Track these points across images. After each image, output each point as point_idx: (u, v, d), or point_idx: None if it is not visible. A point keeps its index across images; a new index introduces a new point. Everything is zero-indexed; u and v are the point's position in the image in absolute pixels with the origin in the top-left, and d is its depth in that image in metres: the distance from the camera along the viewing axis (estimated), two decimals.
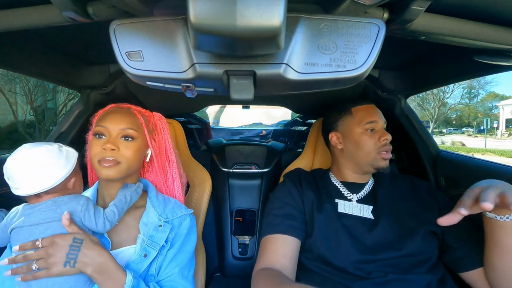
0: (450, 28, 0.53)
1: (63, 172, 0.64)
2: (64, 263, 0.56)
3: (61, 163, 0.64)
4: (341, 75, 0.45)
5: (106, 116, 0.73)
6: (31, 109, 6.74)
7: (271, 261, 0.75)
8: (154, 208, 0.76)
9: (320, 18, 0.45)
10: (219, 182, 1.31)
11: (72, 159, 0.67)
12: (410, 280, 0.71)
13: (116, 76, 1.02)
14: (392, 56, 0.88)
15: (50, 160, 0.63)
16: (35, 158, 0.61)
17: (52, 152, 0.64)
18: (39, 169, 0.61)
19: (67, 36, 0.74)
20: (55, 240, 0.57)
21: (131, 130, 0.72)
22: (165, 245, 0.72)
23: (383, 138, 0.85)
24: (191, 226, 0.79)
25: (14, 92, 6.98)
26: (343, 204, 0.85)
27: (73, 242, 0.59)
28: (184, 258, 0.75)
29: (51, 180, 0.62)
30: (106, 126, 0.71)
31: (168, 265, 0.72)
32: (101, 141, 0.70)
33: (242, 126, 3.46)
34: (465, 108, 34.03)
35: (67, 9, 0.45)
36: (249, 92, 0.48)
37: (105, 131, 0.71)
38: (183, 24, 0.45)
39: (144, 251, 0.68)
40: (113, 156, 0.68)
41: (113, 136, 0.71)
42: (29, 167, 0.61)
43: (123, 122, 0.72)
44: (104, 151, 0.68)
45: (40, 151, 0.62)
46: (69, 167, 0.65)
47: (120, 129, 0.71)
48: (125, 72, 0.47)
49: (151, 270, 0.69)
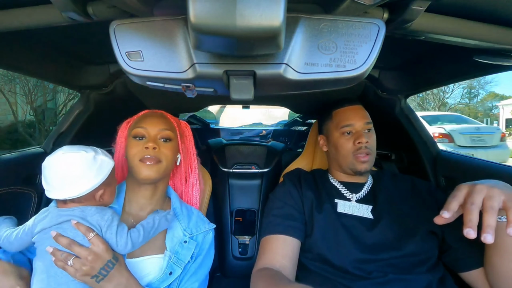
0: (450, 28, 0.53)
1: (91, 183, 0.61)
2: (93, 275, 0.57)
3: (91, 174, 0.62)
4: (341, 75, 0.45)
5: (143, 119, 0.76)
6: (31, 109, 6.73)
7: (271, 261, 0.75)
8: (178, 220, 0.77)
9: (320, 18, 0.45)
10: (219, 182, 1.31)
11: (104, 169, 0.64)
12: (410, 280, 0.71)
13: (116, 76, 1.02)
14: (392, 56, 0.88)
15: (80, 169, 0.61)
16: (67, 164, 0.60)
17: (84, 160, 0.61)
18: (67, 176, 0.60)
19: (67, 36, 0.74)
20: (98, 252, 0.58)
21: (168, 131, 0.76)
22: (190, 261, 0.73)
23: (357, 141, 0.85)
24: (212, 241, 0.82)
25: (14, 92, 6.97)
26: (342, 204, 0.85)
27: (111, 259, 0.60)
28: (203, 273, 0.77)
29: (76, 189, 0.60)
30: (145, 127, 0.74)
31: (189, 279, 0.73)
32: (141, 142, 0.73)
33: (242, 126, 3.46)
34: (465, 108, 34.00)
35: (67, 9, 0.45)
36: (249, 92, 0.48)
37: (145, 132, 0.73)
38: (183, 24, 0.45)
39: (170, 268, 0.70)
40: (155, 155, 0.71)
41: (153, 136, 0.73)
42: (59, 172, 0.60)
43: (161, 123, 0.75)
44: (146, 150, 0.71)
45: (73, 158, 0.61)
46: (99, 178, 0.63)
47: (159, 130, 0.74)
48: (125, 72, 0.47)
49: (172, 285, 0.70)
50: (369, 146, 0.85)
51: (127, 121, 0.84)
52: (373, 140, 0.87)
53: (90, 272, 0.57)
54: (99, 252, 0.58)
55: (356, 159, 0.85)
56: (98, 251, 0.58)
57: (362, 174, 0.88)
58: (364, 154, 0.85)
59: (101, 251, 0.58)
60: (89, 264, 0.57)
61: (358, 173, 0.87)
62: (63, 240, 0.58)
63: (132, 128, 0.76)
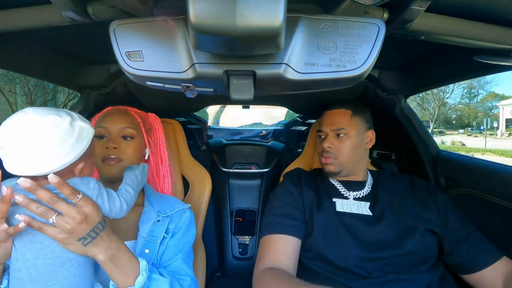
0: (450, 28, 0.53)
1: (69, 156, 0.51)
2: (81, 237, 0.50)
3: (69, 144, 0.51)
4: (341, 75, 0.45)
5: (104, 117, 0.76)
6: None
7: (276, 261, 0.75)
8: (152, 206, 0.77)
9: (320, 18, 0.45)
10: (219, 182, 1.31)
11: (85, 139, 0.54)
12: (411, 279, 0.71)
13: (116, 76, 1.02)
14: (392, 56, 0.88)
15: (53, 138, 0.49)
16: (36, 132, 0.48)
17: (60, 127, 0.50)
18: (39, 147, 0.48)
19: (67, 36, 0.74)
20: (88, 212, 0.50)
21: (130, 129, 0.75)
22: (166, 236, 0.72)
23: (320, 146, 0.91)
24: (191, 219, 0.81)
25: (14, 92, 6.98)
26: (340, 203, 0.85)
27: (101, 221, 0.53)
28: (185, 247, 0.76)
29: (52, 163, 0.49)
30: (106, 126, 0.74)
31: (170, 252, 0.73)
32: (102, 141, 0.73)
33: (242, 126, 3.46)
34: (465, 108, 34.02)
35: (67, 9, 0.45)
36: (249, 92, 0.48)
37: (106, 131, 0.74)
38: (183, 24, 0.44)
39: (146, 247, 0.69)
40: (116, 154, 0.72)
41: (114, 136, 0.74)
42: (27, 142, 0.48)
43: (122, 122, 0.75)
44: (107, 150, 0.71)
45: (44, 124, 0.49)
46: (79, 150, 0.52)
47: (119, 129, 0.74)
48: (125, 72, 0.47)
49: (153, 261, 0.69)
50: (332, 151, 0.88)
51: (94, 118, 0.81)
52: (341, 146, 0.87)
53: (78, 233, 0.49)
54: (89, 212, 0.50)
55: (321, 161, 0.91)
56: (87, 211, 0.50)
57: (334, 175, 0.91)
58: (325, 157, 0.89)
59: (90, 211, 0.51)
60: (76, 223, 0.48)
61: (327, 174, 0.92)
62: (45, 194, 0.47)
63: (96, 127, 0.74)
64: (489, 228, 0.83)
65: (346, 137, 0.87)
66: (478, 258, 0.75)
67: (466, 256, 0.76)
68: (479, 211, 0.88)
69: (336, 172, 0.89)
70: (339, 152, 0.87)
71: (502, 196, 0.81)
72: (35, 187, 0.47)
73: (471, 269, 0.75)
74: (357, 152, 0.88)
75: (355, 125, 0.88)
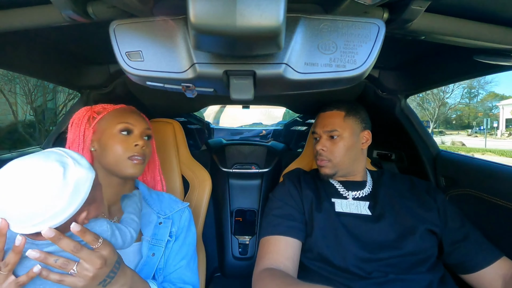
0: (450, 28, 0.53)
1: (66, 212, 0.46)
2: (101, 281, 0.50)
3: (64, 201, 0.46)
4: (341, 75, 0.45)
5: (127, 114, 0.72)
6: (31, 109, 6.74)
7: (275, 262, 0.75)
8: (150, 206, 0.76)
9: (320, 18, 0.45)
10: (219, 182, 1.31)
11: (82, 190, 0.48)
12: (411, 280, 0.71)
13: (116, 76, 1.02)
14: (392, 56, 0.88)
15: (46, 197, 0.45)
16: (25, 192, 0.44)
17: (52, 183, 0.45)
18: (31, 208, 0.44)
19: (67, 36, 0.74)
20: (106, 255, 0.50)
21: (150, 129, 0.75)
22: (170, 239, 0.73)
23: (314, 147, 0.91)
24: (190, 218, 0.81)
25: (14, 92, 6.97)
26: (339, 203, 0.85)
27: (118, 259, 0.53)
28: (189, 250, 0.77)
29: (48, 222, 0.45)
30: (133, 123, 0.71)
31: (175, 258, 0.73)
32: (129, 138, 0.70)
33: (242, 126, 3.46)
34: (465, 108, 34.02)
35: (67, 9, 0.45)
36: (249, 92, 0.48)
37: (133, 127, 0.71)
38: (183, 24, 0.45)
39: (151, 250, 0.69)
40: (143, 153, 0.70)
41: (139, 134, 0.72)
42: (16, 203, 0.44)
43: (143, 121, 0.74)
44: (135, 147, 0.69)
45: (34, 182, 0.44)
46: (77, 203, 0.47)
47: (144, 128, 0.73)
48: (125, 72, 0.47)
49: (159, 265, 0.70)
50: (325, 153, 0.88)
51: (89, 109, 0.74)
52: (334, 147, 0.87)
53: (99, 277, 0.49)
54: (107, 254, 0.50)
55: (317, 163, 0.92)
56: (106, 254, 0.50)
57: (330, 177, 0.91)
58: (320, 159, 0.89)
59: (108, 253, 0.51)
60: (97, 269, 0.48)
61: (324, 176, 0.91)
62: (69, 243, 0.46)
63: (119, 122, 0.70)
64: (489, 228, 0.83)
65: (339, 138, 0.87)
66: (478, 258, 0.75)
67: (465, 256, 0.76)
68: (479, 211, 0.88)
69: (332, 174, 0.89)
70: (332, 154, 0.87)
71: (502, 196, 0.81)
72: (59, 237, 0.45)
73: (470, 269, 0.75)
74: (352, 153, 0.88)
75: (348, 126, 0.88)
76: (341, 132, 0.87)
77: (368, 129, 0.92)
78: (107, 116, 0.73)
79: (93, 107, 0.76)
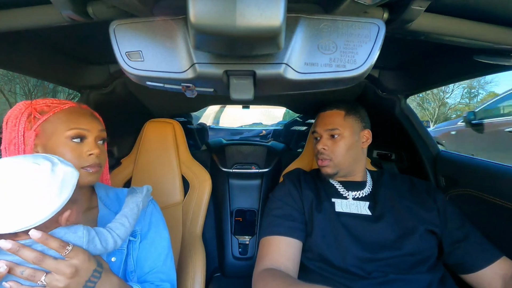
0: (450, 28, 0.53)
1: (53, 205, 0.45)
2: None
3: (53, 194, 0.45)
4: (341, 75, 0.45)
5: (78, 117, 0.63)
6: None
7: (276, 262, 0.75)
8: (108, 208, 0.68)
9: (320, 18, 0.45)
10: (219, 182, 1.31)
11: (69, 184, 0.48)
12: (411, 280, 0.71)
13: (116, 76, 1.02)
14: (392, 56, 0.88)
15: (35, 190, 0.44)
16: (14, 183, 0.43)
17: (41, 174, 0.45)
18: (18, 200, 0.43)
19: (67, 36, 0.74)
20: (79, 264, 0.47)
21: (104, 131, 0.67)
22: (134, 240, 0.66)
23: (315, 147, 0.91)
24: (157, 211, 0.75)
25: (14, 92, 6.98)
26: (339, 203, 0.85)
27: (96, 267, 0.50)
28: (162, 247, 0.71)
29: (34, 216, 0.43)
30: (86, 128, 0.62)
31: (147, 257, 0.68)
32: (81, 145, 0.62)
33: (242, 126, 3.46)
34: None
35: (66, 9, 0.45)
36: (249, 92, 0.48)
37: (86, 133, 0.62)
38: (183, 24, 0.45)
39: (111, 255, 0.62)
40: (99, 161, 0.63)
41: (94, 140, 0.64)
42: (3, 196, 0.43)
43: (97, 123, 0.66)
44: (89, 157, 0.62)
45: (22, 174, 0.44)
46: (63, 198, 0.47)
47: (99, 131, 0.65)
48: (125, 72, 0.47)
49: (129, 268, 0.65)
50: (325, 152, 0.88)
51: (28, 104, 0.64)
52: (335, 147, 0.87)
53: (74, 287, 0.46)
54: (80, 264, 0.47)
55: (318, 163, 0.91)
56: (77, 263, 0.47)
57: (331, 177, 0.91)
58: (321, 159, 0.89)
59: (81, 261, 0.47)
60: (68, 279, 0.45)
61: (325, 176, 0.91)
62: (29, 253, 0.43)
63: (70, 127, 0.61)
64: (489, 228, 0.83)
65: (340, 137, 0.87)
66: (477, 258, 0.75)
67: (465, 256, 0.76)
68: (479, 211, 0.88)
69: (333, 173, 0.88)
70: (333, 153, 0.87)
71: (502, 196, 0.81)
72: (17, 247, 0.43)
73: (470, 269, 0.75)
74: (353, 152, 0.88)
75: (349, 125, 0.88)
76: (342, 131, 0.87)
77: (368, 128, 0.92)
78: (53, 119, 0.61)
79: (33, 102, 0.64)
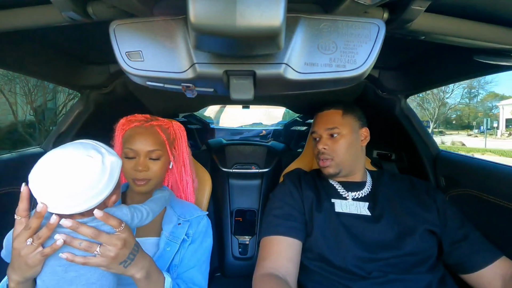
0: (450, 28, 0.53)
1: (104, 192, 0.53)
2: (122, 261, 0.55)
3: (104, 182, 0.53)
4: (341, 75, 0.45)
5: (132, 138, 0.76)
6: (31, 109, 6.74)
7: (276, 264, 0.75)
8: (173, 209, 0.83)
9: (320, 18, 0.45)
10: (219, 182, 1.31)
11: (116, 172, 0.56)
12: (411, 280, 0.71)
13: (116, 76, 1.02)
14: (392, 56, 0.88)
15: (90, 179, 0.51)
16: (71, 177, 0.50)
17: (94, 167, 0.52)
18: (75, 191, 0.50)
19: (67, 36, 0.74)
20: (126, 238, 0.55)
21: (157, 151, 0.77)
22: (186, 239, 0.79)
23: (316, 148, 0.91)
24: (208, 225, 0.87)
25: (14, 92, 6.97)
26: (339, 203, 0.85)
27: (136, 243, 0.59)
28: (203, 255, 0.81)
29: (88, 203, 0.52)
30: (134, 149, 0.75)
31: (189, 258, 0.78)
32: (132, 162, 0.75)
33: (242, 126, 3.46)
34: (465, 108, 34.00)
35: (67, 9, 0.45)
36: (249, 92, 0.48)
37: (134, 153, 0.75)
38: (183, 24, 0.45)
39: (167, 245, 0.76)
40: (145, 176, 0.75)
41: (142, 158, 0.75)
42: (61, 187, 0.50)
43: (149, 144, 0.76)
44: (135, 172, 0.74)
45: (78, 168, 0.51)
46: (112, 184, 0.55)
47: (147, 152, 0.76)
48: (125, 72, 0.47)
49: (174, 261, 0.76)
50: (326, 152, 0.88)
51: (122, 123, 0.82)
52: (336, 145, 0.87)
53: (120, 257, 0.54)
54: (127, 238, 0.56)
55: (319, 164, 0.91)
56: (126, 236, 0.56)
57: (333, 177, 0.90)
58: (322, 159, 0.89)
59: (128, 235, 0.56)
60: (118, 249, 0.54)
61: (327, 176, 0.91)
62: (86, 230, 0.51)
63: (124, 147, 0.76)
64: (489, 228, 0.83)
65: (340, 136, 0.88)
66: (477, 258, 0.75)
67: (465, 256, 0.76)
68: (479, 211, 0.88)
69: (335, 173, 0.88)
70: (334, 152, 0.87)
71: (502, 196, 0.81)
72: (77, 225, 0.51)
73: (470, 269, 0.75)
74: (353, 150, 0.88)
75: (347, 123, 0.89)
76: (341, 130, 0.88)
77: (366, 126, 0.93)
78: (124, 133, 0.80)
79: (128, 117, 0.82)
